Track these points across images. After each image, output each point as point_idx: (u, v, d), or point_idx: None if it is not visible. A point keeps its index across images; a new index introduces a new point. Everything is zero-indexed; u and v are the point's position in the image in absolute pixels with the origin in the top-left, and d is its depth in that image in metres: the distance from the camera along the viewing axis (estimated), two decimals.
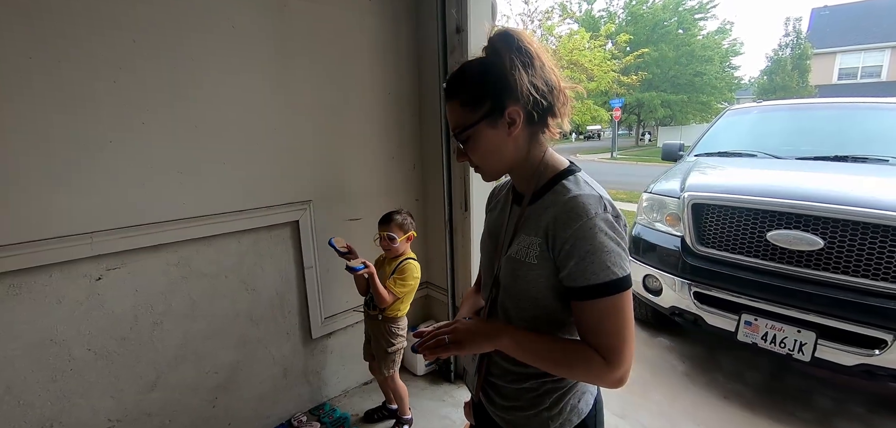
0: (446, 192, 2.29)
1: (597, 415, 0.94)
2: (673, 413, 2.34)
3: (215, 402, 1.97)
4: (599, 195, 0.80)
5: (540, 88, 0.80)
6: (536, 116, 0.83)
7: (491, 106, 0.81)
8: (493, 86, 0.81)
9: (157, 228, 1.67)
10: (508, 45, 0.80)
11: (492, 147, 0.85)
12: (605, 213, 0.77)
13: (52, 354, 1.54)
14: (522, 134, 0.84)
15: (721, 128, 3.78)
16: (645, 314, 3.25)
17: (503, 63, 0.79)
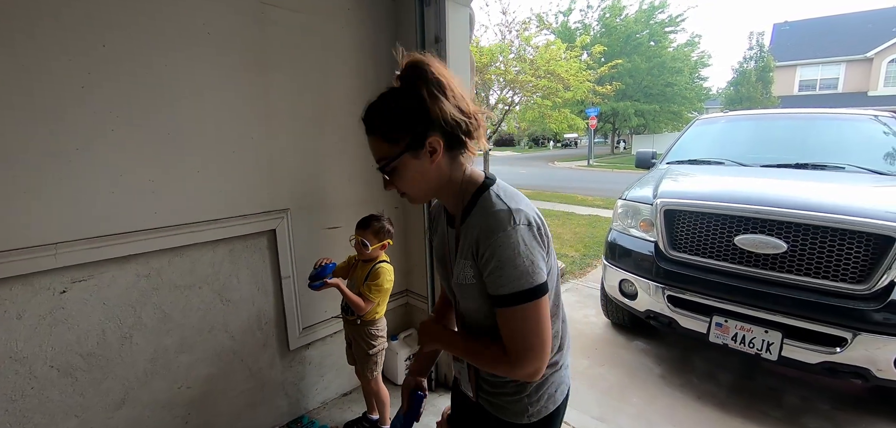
0: None
1: (564, 404, 1.04)
2: (650, 415, 2.39)
3: (188, 418, 1.91)
4: (510, 209, 0.85)
5: (456, 116, 0.85)
6: (455, 141, 0.89)
7: (412, 138, 0.86)
8: (413, 118, 0.86)
9: (126, 238, 1.61)
10: (422, 76, 0.84)
11: (416, 176, 0.90)
12: (515, 226, 0.83)
13: (12, 372, 1.47)
14: (444, 159, 0.90)
15: (691, 137, 3.92)
16: (621, 318, 3.32)
17: (420, 94, 0.84)
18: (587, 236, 6.53)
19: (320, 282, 1.83)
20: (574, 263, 5.15)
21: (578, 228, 7.13)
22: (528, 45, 10.69)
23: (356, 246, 1.91)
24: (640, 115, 23.67)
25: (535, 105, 11.43)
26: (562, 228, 7.24)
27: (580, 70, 11.11)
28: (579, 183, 13.95)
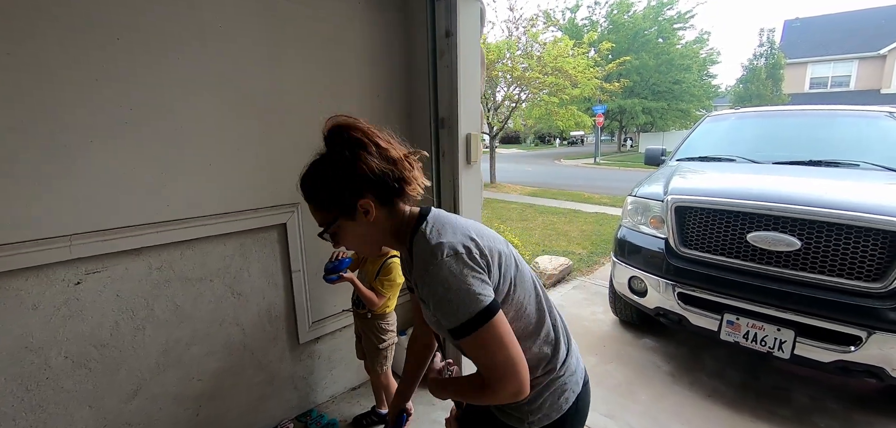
0: (435, 194, 2.29)
1: (577, 413, 1.01)
2: (659, 413, 2.38)
3: (199, 410, 1.92)
4: (433, 246, 0.85)
5: (382, 168, 0.87)
6: (388, 192, 0.90)
7: (343, 204, 0.89)
8: (340, 185, 0.88)
9: (139, 231, 1.62)
10: (340, 140, 0.87)
11: (358, 235, 0.94)
12: (440, 262, 0.83)
13: (28, 362, 1.49)
14: (381, 213, 0.91)
15: (700, 134, 3.88)
16: (630, 315, 3.30)
17: (343, 157, 0.86)
18: (594, 234, 6.50)
19: (336, 276, 1.82)
20: (581, 261, 5.13)
21: (585, 226, 7.10)
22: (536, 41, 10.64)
23: None
24: (648, 113, 23.46)
25: (541, 102, 11.40)
26: (569, 225, 7.21)
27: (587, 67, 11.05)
28: (586, 181, 13.88)
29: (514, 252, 0.97)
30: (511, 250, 0.96)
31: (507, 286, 0.90)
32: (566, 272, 4.63)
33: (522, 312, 0.93)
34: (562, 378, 0.98)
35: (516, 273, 0.93)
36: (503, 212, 8.68)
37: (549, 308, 0.99)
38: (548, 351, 0.96)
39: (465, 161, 2.17)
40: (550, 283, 4.37)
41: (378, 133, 0.90)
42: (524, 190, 11.94)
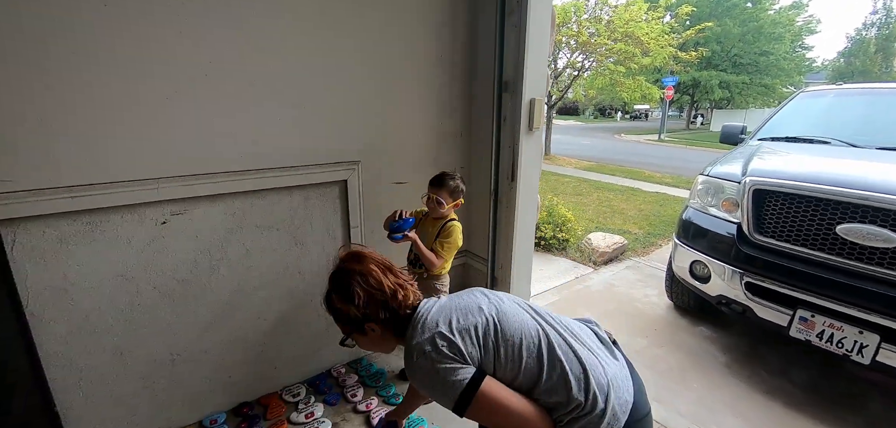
0: (493, 161, 2.26)
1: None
2: (711, 403, 2.28)
3: (263, 348, 2.10)
4: (411, 348, 1.04)
5: (376, 300, 1.10)
6: (388, 313, 1.11)
7: (355, 326, 1.15)
8: (347, 317, 1.14)
9: (216, 179, 1.75)
10: (339, 294, 1.14)
11: (371, 342, 1.19)
12: (416, 361, 1.01)
13: (123, 289, 1.68)
14: (383, 327, 1.13)
15: (791, 111, 3.48)
16: (686, 301, 3.14)
17: (351, 307, 1.11)
18: (653, 214, 6.18)
19: (401, 235, 1.86)
20: (637, 241, 4.91)
21: (644, 205, 6.76)
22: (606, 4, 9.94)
23: (430, 204, 1.94)
24: (725, 88, 21.34)
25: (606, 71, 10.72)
26: (625, 203, 6.90)
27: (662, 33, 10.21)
28: (647, 158, 13.11)
29: (499, 310, 1.07)
30: (494, 311, 1.06)
31: (491, 354, 1.01)
32: (620, 251, 4.47)
33: (516, 367, 1.01)
34: (587, 417, 0.98)
35: (498, 334, 1.02)
36: (557, 185, 8.45)
37: (557, 355, 1.01)
38: (560, 398, 0.98)
39: (526, 127, 2.11)
40: (602, 260, 4.24)
41: (374, 275, 1.12)
42: (580, 164, 11.52)
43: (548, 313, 1.12)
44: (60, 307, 1.56)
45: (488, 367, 1.00)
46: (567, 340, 1.05)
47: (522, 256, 2.38)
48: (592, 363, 1.02)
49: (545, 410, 1.00)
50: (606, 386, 1.00)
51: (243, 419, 2.02)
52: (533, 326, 1.05)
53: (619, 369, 1.08)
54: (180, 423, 1.96)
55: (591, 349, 1.06)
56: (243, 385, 2.10)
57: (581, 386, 0.98)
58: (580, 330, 1.13)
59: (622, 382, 1.05)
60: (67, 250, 1.53)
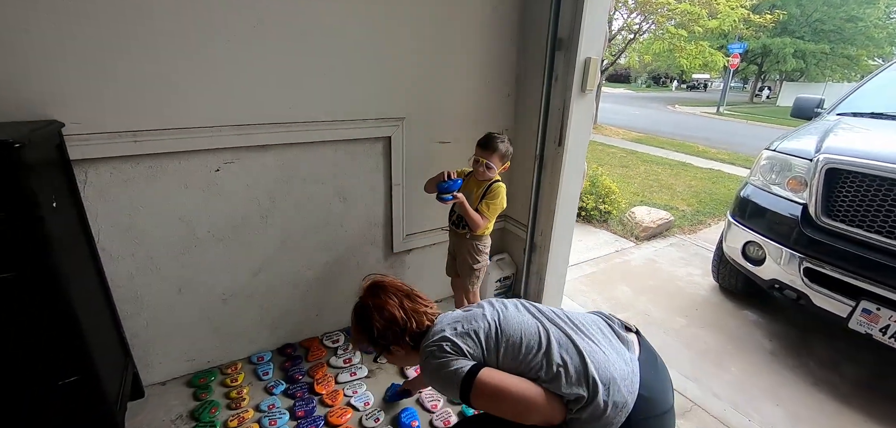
0: (541, 123, 2.18)
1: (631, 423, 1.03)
2: (751, 388, 2.20)
3: (307, 294, 2.19)
4: (422, 350, 1.19)
5: (395, 329, 1.21)
6: (408, 336, 1.22)
7: (379, 349, 1.28)
8: (379, 344, 1.26)
9: (267, 129, 1.79)
10: (360, 325, 1.27)
11: (397, 360, 1.32)
12: (426, 360, 1.14)
13: (181, 231, 1.78)
14: (406, 347, 1.24)
15: (879, 84, 3.11)
16: (734, 283, 3.00)
17: (378, 337, 1.24)
18: (703, 191, 5.87)
19: (450, 196, 1.87)
20: (684, 218, 4.70)
21: (694, 181, 6.43)
22: None
23: (477, 167, 1.90)
24: (800, 57, 19.14)
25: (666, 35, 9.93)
26: (675, 178, 6.58)
27: None
28: (702, 132, 12.33)
29: (501, 315, 1.16)
30: (496, 316, 1.16)
31: (494, 354, 1.10)
32: (665, 227, 4.30)
33: (517, 363, 1.08)
34: (592, 405, 1.00)
35: (498, 335, 1.12)
36: (602, 156, 8.15)
37: (556, 349, 1.07)
38: (563, 390, 1.02)
39: (578, 88, 2.00)
40: (645, 236, 4.10)
41: (389, 308, 1.23)
42: (628, 135, 11.02)
43: (551, 311, 1.20)
44: (126, 244, 1.68)
45: (491, 364, 1.09)
46: (568, 333, 1.10)
47: (564, 224, 2.32)
48: (594, 355, 1.05)
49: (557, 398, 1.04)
50: (608, 377, 1.02)
51: (287, 358, 2.15)
52: (533, 325, 1.13)
53: (626, 362, 1.08)
54: (231, 357, 2.11)
55: (594, 341, 1.10)
56: (287, 328, 2.22)
57: (581, 378, 1.02)
58: (588, 323, 1.16)
59: (628, 374, 1.05)
60: (132, 192, 1.63)
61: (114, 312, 1.69)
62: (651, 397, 1.05)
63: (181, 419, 1.80)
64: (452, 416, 1.86)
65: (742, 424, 1.98)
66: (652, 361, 1.15)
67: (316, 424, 1.79)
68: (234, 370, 2.05)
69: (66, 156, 1.42)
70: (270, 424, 1.77)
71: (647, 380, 1.06)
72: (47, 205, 1.19)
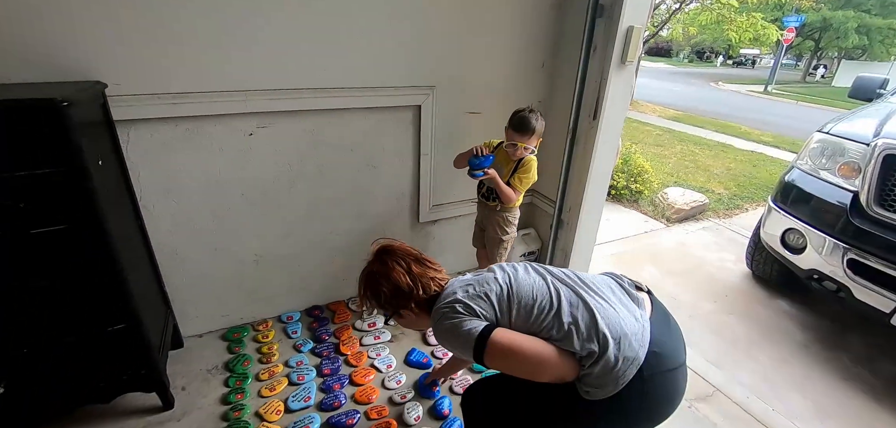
0: (576, 95, 2.10)
1: (643, 388, 1.03)
2: (777, 379, 2.14)
3: (333, 260, 2.25)
4: (434, 311, 1.18)
5: (404, 292, 1.22)
6: (418, 299, 1.23)
7: (389, 312, 1.29)
8: (390, 306, 1.26)
9: (298, 95, 1.80)
10: (369, 290, 1.27)
11: (407, 322, 1.32)
12: (438, 321, 1.15)
13: (216, 193, 1.84)
14: (418, 309, 1.25)
15: None
16: (769, 271, 2.89)
17: (388, 300, 1.25)
18: (742, 175, 5.61)
19: (481, 172, 1.86)
20: (719, 201, 4.52)
21: (733, 164, 6.14)
22: None
23: (510, 149, 1.87)
24: (863, 33, 17.52)
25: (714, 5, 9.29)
26: (713, 160, 6.30)
27: None
28: (747, 112, 11.66)
29: (512, 278, 1.17)
30: (508, 279, 1.16)
31: (506, 316, 1.11)
32: (699, 210, 4.15)
33: (530, 324, 1.08)
34: (603, 360, 1.01)
35: (510, 297, 1.12)
36: (637, 133, 7.86)
37: (567, 308, 1.07)
38: (575, 347, 1.03)
39: (618, 59, 1.91)
40: (676, 218, 3.97)
41: (395, 273, 1.22)
42: (665, 112, 10.57)
43: (561, 272, 1.21)
44: (166, 204, 1.76)
45: (504, 325, 1.10)
46: (578, 292, 1.11)
47: (594, 201, 2.27)
48: (604, 312, 1.06)
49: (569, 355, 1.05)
50: (619, 333, 1.03)
51: (314, 319, 2.24)
52: (544, 286, 1.14)
53: (636, 318, 1.08)
54: (262, 315, 2.20)
55: (605, 299, 1.10)
56: (315, 290, 2.29)
57: (592, 334, 1.03)
58: (598, 283, 1.17)
59: (638, 330, 1.05)
60: (170, 154, 1.69)
61: (155, 267, 1.78)
62: (662, 353, 1.05)
63: (217, 369, 1.91)
64: (471, 380, 1.90)
65: (765, 412, 1.94)
66: (664, 318, 1.16)
67: (341, 382, 1.86)
68: (264, 327, 2.15)
69: (110, 116, 1.48)
70: (299, 379, 1.86)
71: (659, 337, 1.07)
72: (94, 162, 1.25)
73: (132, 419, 1.65)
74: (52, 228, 1.22)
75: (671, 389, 1.08)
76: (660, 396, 1.07)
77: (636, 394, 1.02)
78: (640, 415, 1.07)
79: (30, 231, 1.20)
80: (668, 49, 35.63)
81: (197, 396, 1.78)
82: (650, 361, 1.02)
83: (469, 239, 2.32)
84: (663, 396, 1.07)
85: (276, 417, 1.70)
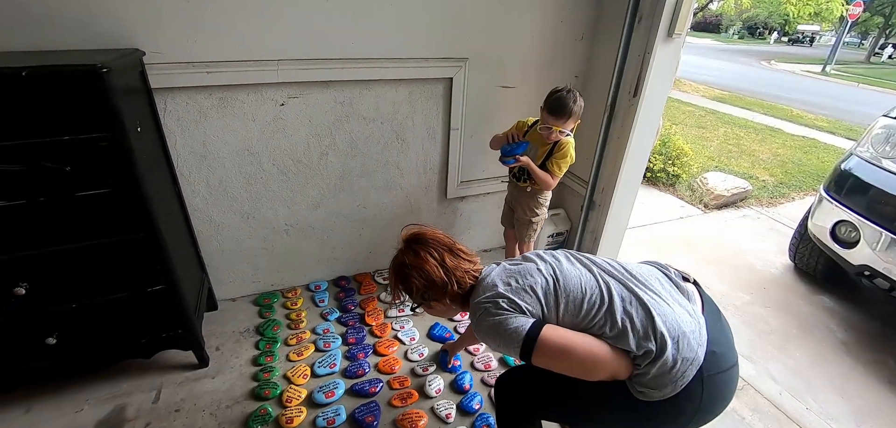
0: (616, 70, 2.00)
1: (701, 390, 0.98)
2: (813, 377, 2.04)
3: (362, 231, 2.27)
4: (474, 305, 1.11)
5: (436, 284, 1.15)
6: (448, 291, 1.16)
7: (419, 302, 1.24)
8: (413, 296, 1.22)
9: (329, 64, 1.79)
10: (400, 281, 1.21)
11: (437, 312, 1.28)
12: (479, 316, 1.07)
13: (249, 162, 1.87)
14: (447, 300, 1.19)
15: None
16: (813, 265, 2.73)
17: (418, 289, 1.18)
18: (791, 161, 5.28)
19: (513, 159, 1.81)
20: (764, 189, 4.28)
21: (783, 150, 5.78)
22: None
23: (549, 135, 1.79)
24: None
25: None
26: (759, 144, 5.95)
27: None
28: (800, 94, 10.87)
29: (557, 269, 1.09)
30: (552, 271, 1.09)
31: (553, 311, 1.04)
32: (740, 197, 3.94)
33: (579, 321, 1.02)
34: (659, 361, 0.95)
35: (557, 291, 1.05)
36: (676, 113, 7.50)
37: (620, 305, 1.01)
38: (629, 346, 0.97)
39: (665, 32, 1.79)
40: (715, 204, 3.79)
41: (428, 265, 1.16)
42: (709, 92, 10.02)
43: (605, 262, 1.13)
44: (200, 171, 1.80)
45: (551, 321, 1.03)
46: (630, 287, 1.03)
47: (628, 183, 2.18)
48: (659, 308, 0.99)
49: (623, 353, 0.99)
50: (677, 332, 0.96)
51: (341, 290, 2.28)
52: (592, 280, 1.06)
53: (692, 314, 1.01)
54: (291, 283, 2.27)
55: (657, 294, 1.03)
56: (342, 261, 2.33)
57: (648, 333, 0.96)
58: (646, 274, 1.09)
59: (696, 329, 0.99)
60: (205, 122, 1.72)
61: (191, 232, 1.85)
62: (720, 352, 1.00)
63: (248, 332, 1.99)
64: (493, 359, 1.90)
65: (797, 410, 1.85)
66: (715, 314, 1.09)
67: (365, 352, 1.91)
68: (293, 295, 2.21)
69: (148, 84, 1.51)
70: (325, 346, 1.91)
71: (714, 334, 1.01)
72: (133, 129, 1.28)
73: (171, 374, 1.75)
74: (97, 191, 1.27)
75: (726, 389, 1.02)
76: (716, 397, 1.01)
77: (694, 395, 0.97)
78: (695, 416, 1.01)
79: (76, 194, 1.25)
80: (716, 24, 33.45)
81: (230, 356, 1.86)
82: (709, 361, 0.97)
83: (497, 217, 2.29)
84: (718, 396, 1.02)
85: (303, 380, 1.75)
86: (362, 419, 1.60)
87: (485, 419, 1.65)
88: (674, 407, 0.98)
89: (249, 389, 1.72)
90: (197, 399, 1.67)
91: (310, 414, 1.63)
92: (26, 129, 1.14)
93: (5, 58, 1.22)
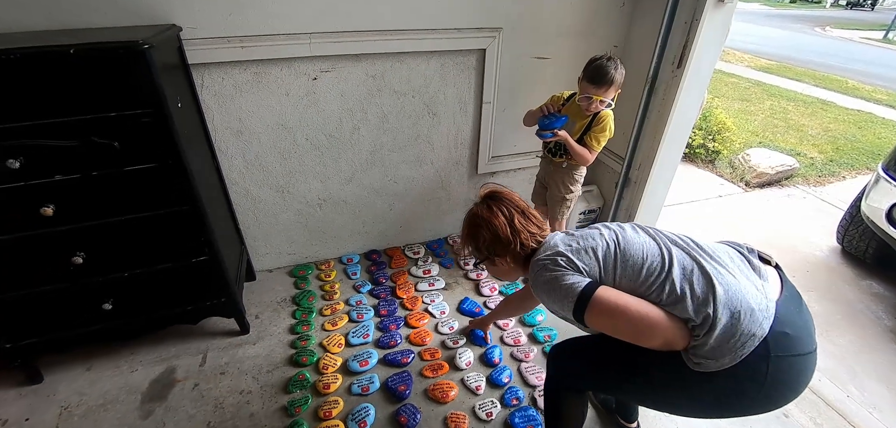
0: (659, 39, 1.89)
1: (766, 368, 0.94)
2: (856, 364, 1.95)
3: (392, 206, 2.29)
4: (534, 263, 1.13)
5: (505, 242, 1.19)
6: (515, 250, 1.20)
7: (484, 258, 1.27)
8: (486, 250, 1.25)
9: (361, 37, 1.77)
10: (470, 233, 1.27)
11: (499, 271, 1.31)
12: (538, 272, 1.10)
13: (283, 136, 1.90)
14: (513, 261, 1.24)
15: None
16: (862, 249, 2.58)
17: (487, 242, 1.23)
18: (843, 137, 4.94)
19: (550, 133, 1.77)
20: (811, 167, 4.04)
21: (834, 125, 5.42)
22: None
23: (589, 105, 1.73)
24: None
25: None
26: (809, 119, 5.60)
27: None
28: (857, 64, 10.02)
29: (619, 235, 1.09)
30: (614, 237, 1.09)
31: (611, 274, 1.04)
32: (785, 175, 3.74)
33: (637, 286, 1.01)
34: (720, 328, 0.92)
35: (617, 256, 1.05)
36: (719, 86, 7.10)
37: (679, 272, 0.99)
38: (687, 314, 0.95)
39: None
40: (757, 182, 3.62)
41: (497, 221, 1.20)
42: (756, 62, 9.41)
43: (673, 233, 1.11)
44: (237, 146, 1.85)
45: (608, 283, 1.03)
46: (694, 256, 1.01)
47: (667, 160, 2.10)
48: (723, 278, 0.96)
49: (680, 321, 0.97)
50: (738, 304, 0.93)
51: (372, 263, 2.33)
52: (654, 246, 1.05)
53: (759, 289, 0.97)
54: (324, 255, 2.33)
55: (723, 265, 0.99)
56: (374, 235, 2.37)
57: (708, 299, 0.94)
58: (715, 248, 1.06)
59: (762, 305, 0.94)
60: (240, 97, 1.75)
61: (230, 205, 1.91)
62: (795, 335, 0.95)
63: (285, 302, 2.06)
64: (523, 335, 1.91)
65: (838, 398, 1.79)
66: (795, 299, 1.04)
67: (396, 323, 1.95)
68: (327, 267, 2.27)
69: (186, 59, 1.54)
70: (358, 317, 1.97)
71: (789, 317, 0.96)
72: (174, 105, 1.32)
73: (216, 340, 1.85)
74: (143, 166, 1.32)
75: (798, 376, 0.98)
76: (784, 382, 0.97)
77: (757, 373, 0.94)
78: (759, 396, 0.97)
79: (124, 169, 1.31)
80: None
81: (269, 324, 1.94)
82: (780, 341, 0.93)
83: (527, 194, 2.25)
84: (786, 381, 0.97)
85: (337, 349, 1.82)
86: (395, 388, 1.65)
87: (514, 392, 1.67)
88: (734, 385, 0.95)
89: (288, 355, 1.80)
90: (240, 363, 1.76)
91: (345, 381, 1.70)
92: (76, 105, 1.19)
93: (47, 36, 1.26)
